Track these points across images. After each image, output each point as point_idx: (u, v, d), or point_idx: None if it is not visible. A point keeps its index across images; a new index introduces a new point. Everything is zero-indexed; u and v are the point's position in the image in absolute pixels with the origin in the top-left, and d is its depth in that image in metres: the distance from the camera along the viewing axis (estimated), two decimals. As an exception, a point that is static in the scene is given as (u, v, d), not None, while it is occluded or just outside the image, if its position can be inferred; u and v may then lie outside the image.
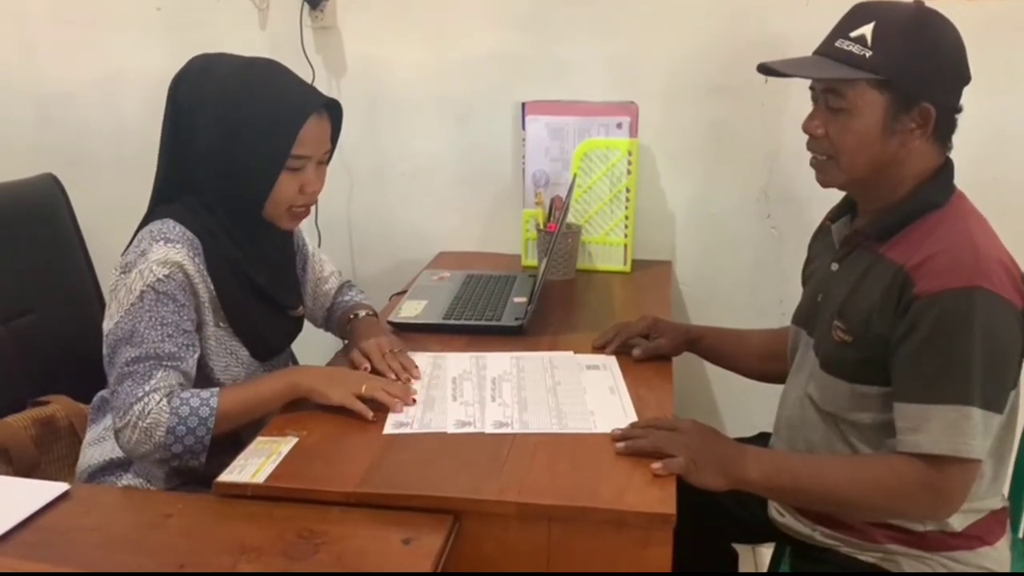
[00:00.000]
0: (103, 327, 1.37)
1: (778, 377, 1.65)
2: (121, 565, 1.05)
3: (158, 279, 1.32)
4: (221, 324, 1.43)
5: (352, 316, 1.67)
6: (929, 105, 1.24)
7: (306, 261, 1.70)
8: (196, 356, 1.37)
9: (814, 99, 1.34)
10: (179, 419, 1.29)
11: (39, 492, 1.16)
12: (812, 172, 2.05)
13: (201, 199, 1.40)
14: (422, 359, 1.56)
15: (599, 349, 1.61)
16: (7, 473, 1.48)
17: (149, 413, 1.28)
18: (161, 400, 1.29)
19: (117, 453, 1.42)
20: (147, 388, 1.29)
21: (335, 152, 1.40)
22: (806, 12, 2.02)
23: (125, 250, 1.38)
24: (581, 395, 1.43)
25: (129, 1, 2.30)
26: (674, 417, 1.34)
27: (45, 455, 1.58)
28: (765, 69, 1.35)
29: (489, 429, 1.31)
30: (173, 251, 1.34)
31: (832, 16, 1.42)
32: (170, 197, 1.41)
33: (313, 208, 2.30)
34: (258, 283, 1.46)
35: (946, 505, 1.23)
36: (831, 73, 1.27)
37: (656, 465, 1.19)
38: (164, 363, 1.31)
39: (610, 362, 1.56)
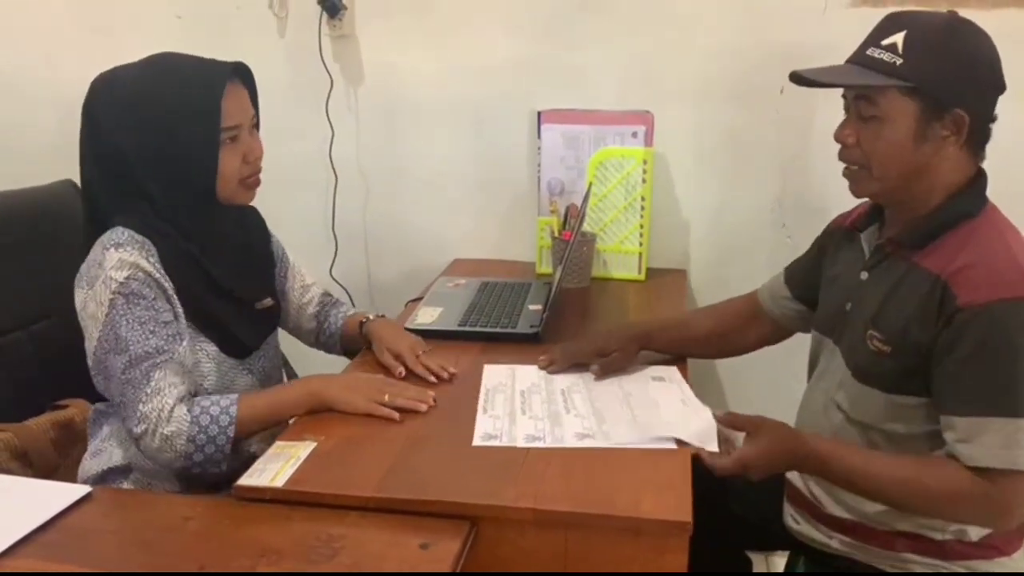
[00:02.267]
0: (86, 347, 1.38)
1: (728, 351, 1.70)
2: (141, 566, 1.06)
3: (121, 283, 1.32)
4: (185, 320, 1.41)
5: (363, 320, 1.67)
6: (962, 112, 1.23)
7: (287, 269, 1.69)
8: (184, 343, 1.37)
9: (846, 108, 1.34)
10: (199, 428, 1.31)
11: (62, 494, 1.18)
12: (827, 181, 2.09)
13: (148, 204, 1.39)
14: (498, 370, 1.56)
15: (545, 367, 1.56)
16: (27, 476, 1.49)
17: (170, 419, 1.30)
18: (179, 406, 1.31)
19: (115, 462, 1.44)
20: (149, 390, 1.31)
21: (352, 159, 1.41)
22: (822, 20, 2.02)
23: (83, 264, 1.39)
24: (655, 408, 1.40)
25: (149, 9, 2.33)
26: (749, 420, 1.31)
27: (64, 458, 1.59)
28: (797, 78, 1.34)
29: (570, 443, 1.29)
30: (125, 254, 1.34)
31: (848, 24, 1.42)
32: (115, 211, 1.40)
33: (330, 214, 2.35)
34: (215, 275, 1.44)
35: (1005, 517, 1.23)
36: (862, 80, 1.27)
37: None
38: (156, 360, 1.32)
39: (671, 372, 1.55)
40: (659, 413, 1.38)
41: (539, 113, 2.11)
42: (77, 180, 1.84)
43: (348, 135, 2.32)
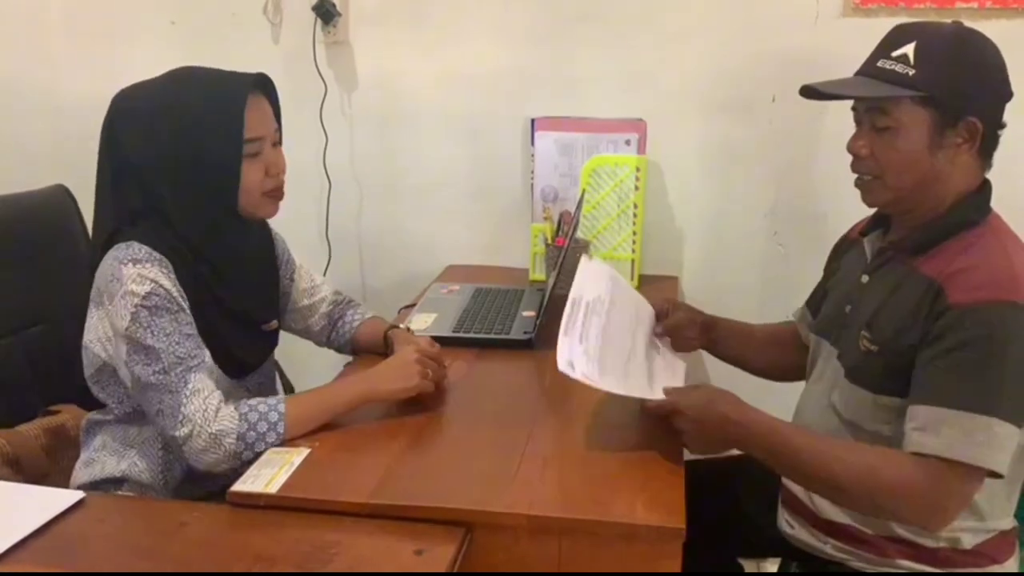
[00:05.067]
0: (117, 366, 1.36)
1: (780, 372, 1.67)
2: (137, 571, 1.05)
3: (143, 297, 1.30)
4: None
5: (390, 327, 1.67)
6: (976, 119, 1.25)
7: (293, 271, 1.67)
8: (208, 354, 1.37)
9: (857, 120, 1.34)
10: (248, 425, 1.29)
11: (55, 500, 1.17)
12: (819, 189, 2.12)
13: (164, 218, 1.37)
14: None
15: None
16: (18, 482, 1.48)
17: (217, 417, 1.28)
18: (225, 405, 1.30)
19: (107, 472, 1.43)
20: (188, 391, 1.29)
21: (346, 165, 1.42)
22: (814, 29, 2.03)
23: (95, 273, 1.37)
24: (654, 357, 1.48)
25: (144, 14, 2.33)
26: (687, 391, 1.33)
27: (55, 464, 1.58)
28: (808, 91, 1.35)
29: (568, 371, 1.26)
30: (144, 269, 1.32)
31: (840, 33, 1.44)
32: (127, 227, 1.38)
33: (323, 221, 2.35)
34: (225, 297, 1.42)
35: (937, 514, 1.20)
36: (876, 92, 1.27)
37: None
38: (190, 364, 1.31)
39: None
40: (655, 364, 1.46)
41: (533, 120, 2.12)
42: (70, 185, 1.85)
43: (342, 141, 2.32)
